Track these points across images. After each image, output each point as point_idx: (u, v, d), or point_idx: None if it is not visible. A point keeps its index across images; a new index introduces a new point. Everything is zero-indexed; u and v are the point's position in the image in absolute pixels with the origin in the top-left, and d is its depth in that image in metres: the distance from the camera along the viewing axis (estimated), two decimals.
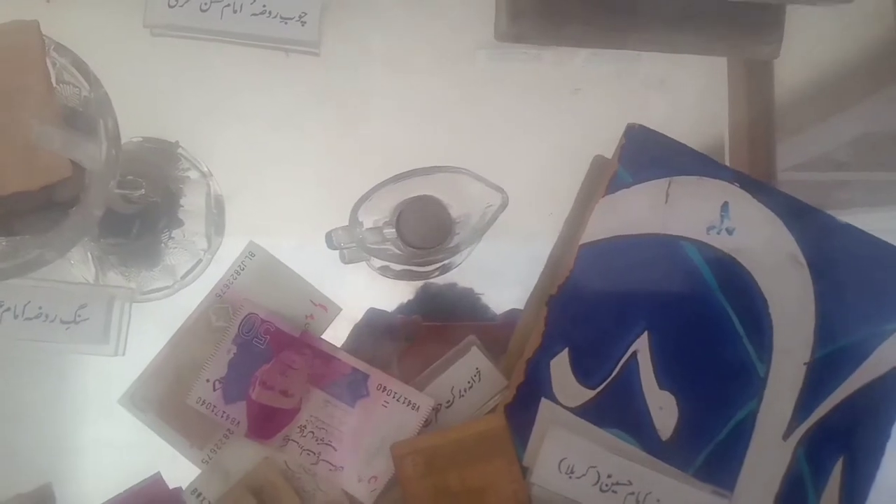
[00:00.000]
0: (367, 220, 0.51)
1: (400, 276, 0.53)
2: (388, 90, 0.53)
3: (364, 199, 0.44)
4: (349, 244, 0.45)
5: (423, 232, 0.45)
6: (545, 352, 0.45)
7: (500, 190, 0.43)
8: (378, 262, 0.53)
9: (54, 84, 0.40)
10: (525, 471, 0.44)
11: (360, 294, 0.52)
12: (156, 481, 0.48)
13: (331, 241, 0.45)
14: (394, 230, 0.47)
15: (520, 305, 0.51)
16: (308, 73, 0.52)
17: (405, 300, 0.53)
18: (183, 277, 0.54)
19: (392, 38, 0.54)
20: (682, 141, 0.50)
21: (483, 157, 0.52)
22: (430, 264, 0.47)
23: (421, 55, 0.54)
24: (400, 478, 0.44)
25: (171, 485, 0.47)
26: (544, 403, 0.44)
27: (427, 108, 0.53)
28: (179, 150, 0.54)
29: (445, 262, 0.49)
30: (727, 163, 0.54)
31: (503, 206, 0.43)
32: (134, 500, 0.48)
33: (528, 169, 0.54)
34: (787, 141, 0.56)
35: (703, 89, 0.57)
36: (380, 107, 0.53)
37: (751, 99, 0.57)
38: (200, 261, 0.54)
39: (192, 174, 0.54)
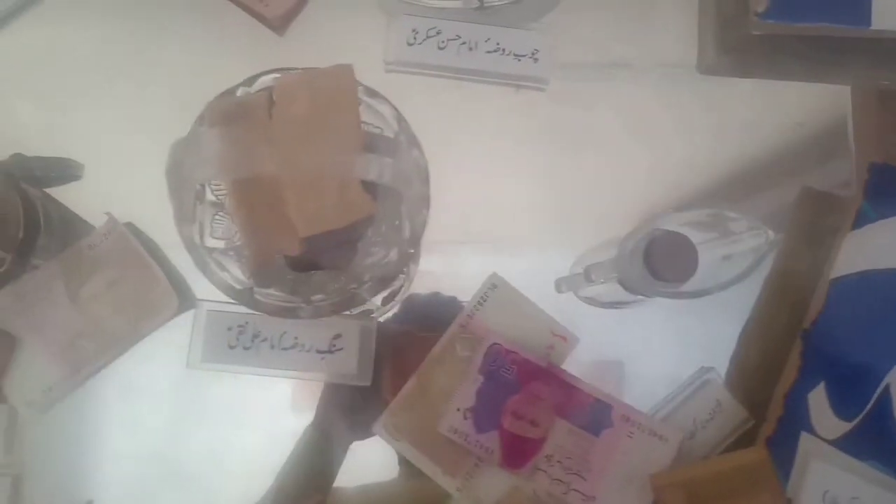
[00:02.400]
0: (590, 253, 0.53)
1: (606, 305, 0.54)
2: (611, 122, 0.55)
3: (635, 233, 0.45)
4: (609, 277, 0.46)
5: (675, 267, 0.46)
6: (803, 385, 0.46)
7: (763, 229, 0.44)
8: (585, 293, 0.54)
9: None
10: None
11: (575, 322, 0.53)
12: None
13: (589, 276, 0.47)
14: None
15: None
16: (535, 107, 0.54)
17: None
18: (383, 305, 0.55)
19: (613, 66, 0.56)
20: None
21: (696, 187, 0.54)
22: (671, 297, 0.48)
23: (641, 84, 0.55)
24: None
25: None
26: (804, 436, 0.45)
27: (646, 140, 0.55)
28: None
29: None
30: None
31: (771, 244, 0.44)
32: None
33: (731, 197, 0.56)
34: None
35: None
36: (605, 139, 0.54)
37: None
38: (402, 287, 0.56)
39: None
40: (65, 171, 0.55)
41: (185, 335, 0.50)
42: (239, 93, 0.39)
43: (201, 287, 0.52)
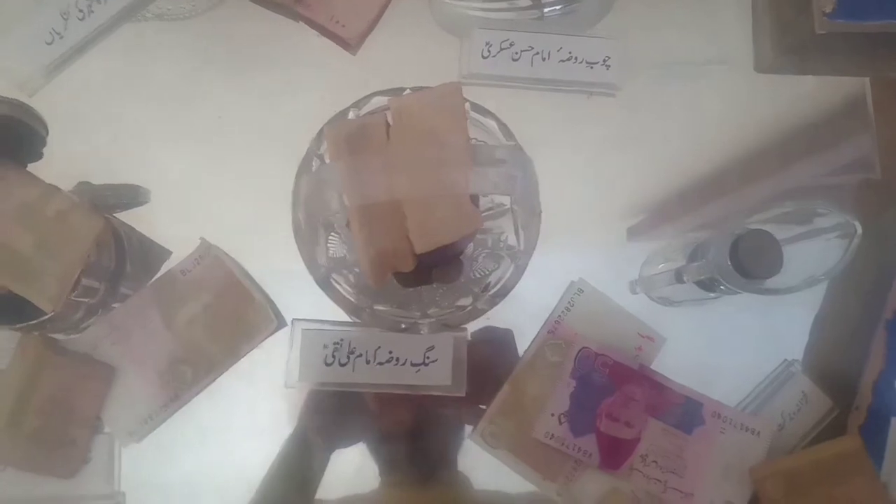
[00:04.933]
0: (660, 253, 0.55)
1: (679, 304, 0.57)
2: (680, 125, 0.57)
3: (720, 232, 0.47)
4: (700, 277, 0.48)
5: (762, 264, 0.48)
6: (890, 373, 0.49)
7: (851, 224, 0.46)
8: (659, 293, 0.56)
9: None
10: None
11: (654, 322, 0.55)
12: None
13: (681, 277, 0.49)
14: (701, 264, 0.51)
15: None
16: (607, 113, 0.56)
17: None
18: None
19: (675, 69, 0.58)
20: None
21: (771, 184, 0.57)
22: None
23: (705, 86, 0.58)
24: (762, 500, 0.48)
25: None
26: (894, 423, 0.48)
27: (714, 140, 0.57)
28: None
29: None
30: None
31: (857, 235, 0.46)
32: None
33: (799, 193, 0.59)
34: None
35: None
36: (675, 142, 0.57)
37: None
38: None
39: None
40: (134, 197, 0.56)
41: (268, 355, 0.52)
42: (350, 115, 0.40)
43: (290, 306, 0.54)
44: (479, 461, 0.51)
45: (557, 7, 0.58)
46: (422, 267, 0.42)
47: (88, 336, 0.48)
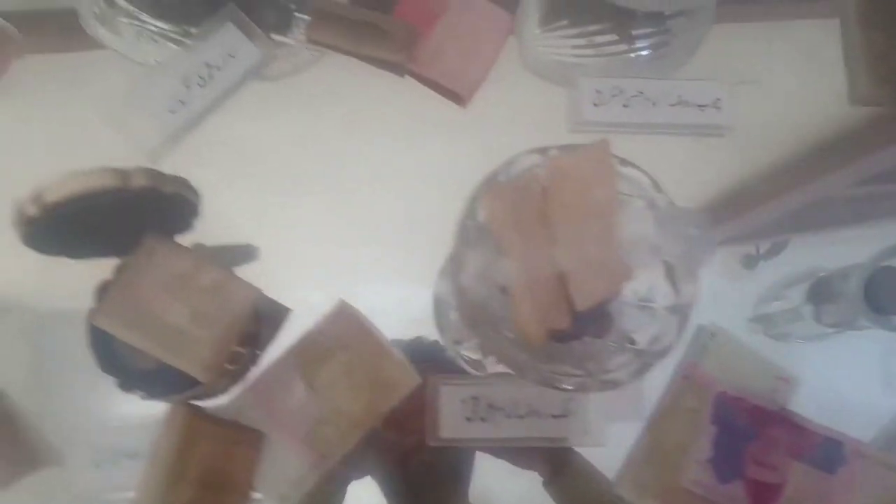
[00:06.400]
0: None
1: (794, 340, 0.57)
2: (786, 158, 0.58)
3: (852, 270, 0.48)
4: (843, 318, 0.49)
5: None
6: None
7: None
8: (777, 329, 0.57)
9: None
10: None
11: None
12: None
13: (820, 318, 0.49)
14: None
15: None
16: (718, 153, 0.57)
17: None
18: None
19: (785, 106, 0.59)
20: None
21: None
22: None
23: (808, 126, 0.59)
24: None
25: None
26: None
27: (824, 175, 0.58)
28: None
29: None
30: None
31: None
32: None
33: None
34: None
35: None
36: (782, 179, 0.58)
37: None
38: None
39: None
40: (246, 255, 0.57)
41: None
42: (501, 177, 0.41)
43: None
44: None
45: (644, 53, 0.60)
46: (574, 322, 0.42)
47: (232, 402, 0.49)
